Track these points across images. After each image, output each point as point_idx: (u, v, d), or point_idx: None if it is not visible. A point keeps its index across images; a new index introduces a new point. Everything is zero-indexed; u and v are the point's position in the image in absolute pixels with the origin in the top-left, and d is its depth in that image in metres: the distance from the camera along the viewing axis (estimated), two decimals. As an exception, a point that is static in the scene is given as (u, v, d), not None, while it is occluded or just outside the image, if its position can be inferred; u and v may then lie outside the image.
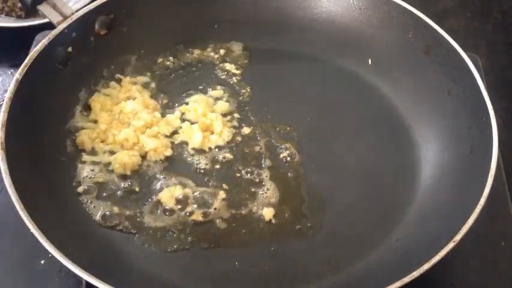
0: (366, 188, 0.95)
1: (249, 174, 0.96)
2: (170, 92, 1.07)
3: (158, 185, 0.93)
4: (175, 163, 0.97)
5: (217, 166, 0.96)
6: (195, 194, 0.92)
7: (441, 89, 0.99)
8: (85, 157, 0.95)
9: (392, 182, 0.95)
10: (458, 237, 0.76)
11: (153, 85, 1.07)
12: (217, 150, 0.99)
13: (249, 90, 1.08)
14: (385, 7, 1.06)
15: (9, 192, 0.78)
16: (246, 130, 1.02)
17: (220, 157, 0.98)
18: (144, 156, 0.97)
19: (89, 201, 0.90)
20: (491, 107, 0.89)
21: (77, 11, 1.00)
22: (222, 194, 0.92)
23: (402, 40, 1.05)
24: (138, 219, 0.89)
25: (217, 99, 1.06)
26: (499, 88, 1.20)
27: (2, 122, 0.84)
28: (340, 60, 1.11)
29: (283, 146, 0.99)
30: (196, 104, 1.03)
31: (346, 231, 0.90)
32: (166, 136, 0.99)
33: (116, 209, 0.90)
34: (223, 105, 1.04)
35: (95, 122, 1.00)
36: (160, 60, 1.10)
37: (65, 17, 0.98)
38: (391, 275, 0.74)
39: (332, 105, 1.06)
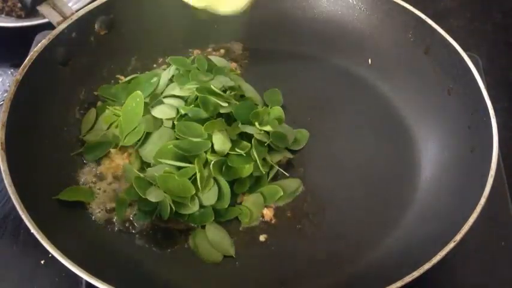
0: (366, 187, 0.95)
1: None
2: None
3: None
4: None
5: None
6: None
7: (441, 88, 0.99)
8: None
9: (392, 182, 0.95)
10: (458, 237, 0.76)
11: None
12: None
13: (249, 90, 1.08)
14: (385, 7, 1.06)
15: (9, 192, 0.77)
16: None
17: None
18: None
19: (89, 202, 0.90)
20: (491, 107, 0.89)
21: (77, 11, 0.99)
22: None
23: (402, 40, 1.05)
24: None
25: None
26: (499, 88, 1.20)
27: (2, 122, 0.84)
28: (340, 60, 1.11)
29: (283, 146, 0.99)
30: None
31: (346, 231, 0.89)
32: None
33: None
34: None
35: None
36: (160, 60, 1.10)
37: (65, 17, 0.98)
38: (391, 274, 0.74)
39: (332, 105, 1.06)
